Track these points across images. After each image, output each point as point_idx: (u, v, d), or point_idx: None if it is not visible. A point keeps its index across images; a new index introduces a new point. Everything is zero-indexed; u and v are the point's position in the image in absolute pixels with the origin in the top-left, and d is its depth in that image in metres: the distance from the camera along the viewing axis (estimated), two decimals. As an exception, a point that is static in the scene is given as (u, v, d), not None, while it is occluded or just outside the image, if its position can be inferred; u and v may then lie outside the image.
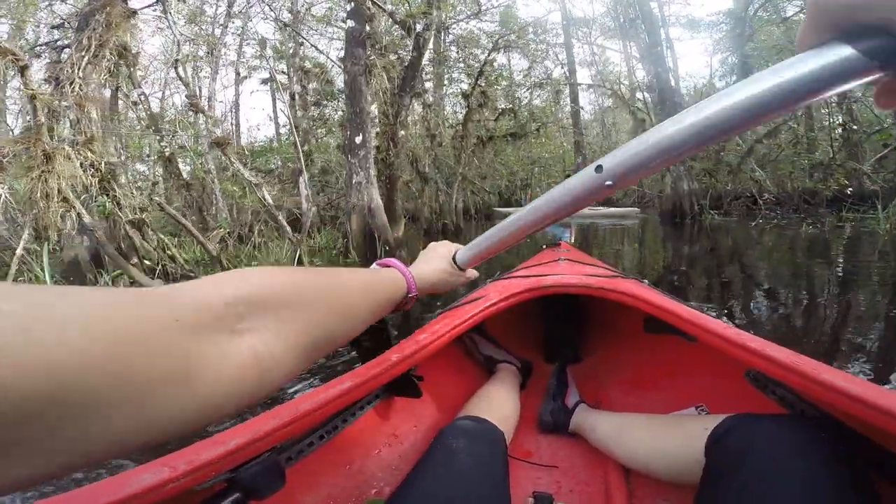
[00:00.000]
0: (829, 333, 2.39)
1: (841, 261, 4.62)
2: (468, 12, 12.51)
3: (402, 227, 7.27)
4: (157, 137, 7.65)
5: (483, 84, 9.64)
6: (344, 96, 6.85)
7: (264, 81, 12.48)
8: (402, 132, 7.13)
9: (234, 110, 17.19)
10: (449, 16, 11.69)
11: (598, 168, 0.42)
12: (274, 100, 12.32)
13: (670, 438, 0.77)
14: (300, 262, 5.05)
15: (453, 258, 0.73)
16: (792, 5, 12.67)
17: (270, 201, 5.32)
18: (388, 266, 0.61)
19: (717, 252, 5.78)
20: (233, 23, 12.37)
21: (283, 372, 0.32)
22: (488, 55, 9.91)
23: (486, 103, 10.37)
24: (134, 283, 4.30)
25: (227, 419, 0.30)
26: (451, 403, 1.05)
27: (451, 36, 12.60)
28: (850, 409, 0.51)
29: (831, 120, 11.57)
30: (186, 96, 7.31)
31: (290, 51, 10.17)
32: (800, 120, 11.18)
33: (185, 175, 6.58)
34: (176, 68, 6.08)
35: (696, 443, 0.64)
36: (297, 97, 9.90)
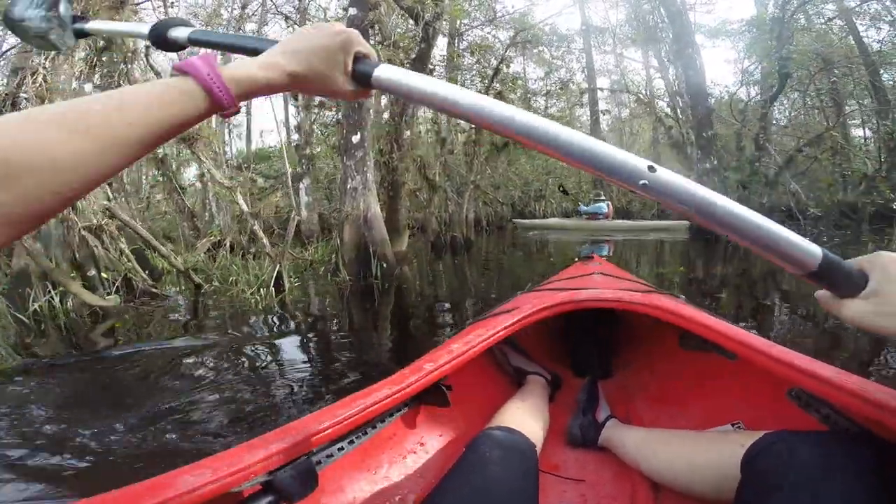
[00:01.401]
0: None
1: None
2: (483, 18, 11.45)
3: (405, 240, 6.35)
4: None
5: (498, 85, 8.63)
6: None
7: None
8: (408, 133, 6.17)
9: (246, 114, 16.51)
10: (463, 22, 10.82)
11: (651, 168, 0.42)
12: (286, 103, 11.55)
13: (704, 454, 0.76)
14: (278, 279, 4.03)
15: (357, 59, 0.48)
16: (829, 9, 11.46)
17: (246, 207, 4.41)
18: (184, 71, 0.41)
19: (751, 276, 5.11)
20: (247, 25, 11.71)
21: None
22: (505, 51, 8.92)
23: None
24: (75, 298, 3.83)
25: None
26: (477, 414, 1.04)
27: (464, 42, 12.13)
28: (893, 423, 0.50)
29: (866, 129, 10.36)
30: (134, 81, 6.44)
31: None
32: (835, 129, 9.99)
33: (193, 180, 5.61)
34: (147, 56, 5.21)
35: (731, 459, 0.63)
36: (299, 97, 9.05)
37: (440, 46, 11.59)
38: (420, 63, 6.59)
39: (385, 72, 0.49)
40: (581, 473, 0.98)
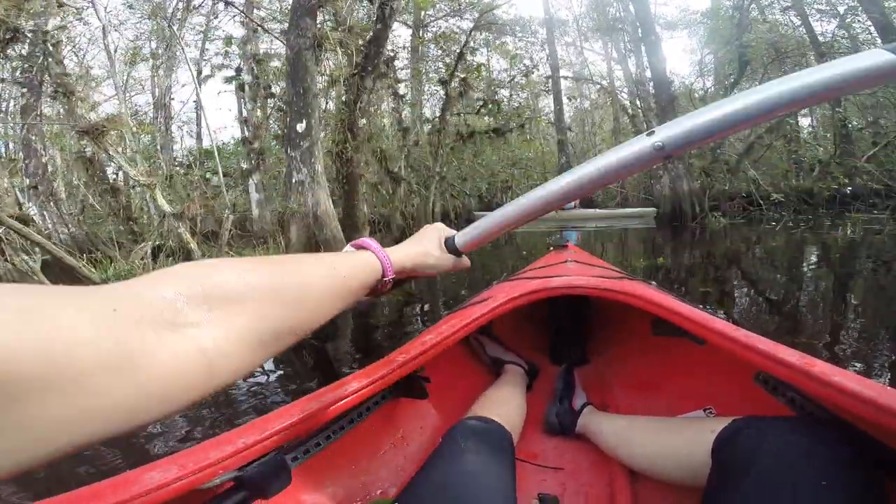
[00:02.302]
0: None
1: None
2: (447, 9, 11.09)
3: (365, 235, 5.65)
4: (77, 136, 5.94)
5: (462, 72, 8.08)
6: (285, 76, 5.26)
7: (227, 80, 11.01)
8: (364, 121, 5.55)
9: (196, 109, 15.60)
10: (428, 13, 10.43)
11: (651, 133, 0.44)
12: (239, 99, 10.77)
13: (677, 441, 0.77)
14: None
15: (447, 241, 0.67)
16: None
17: (167, 208, 3.71)
18: (363, 247, 0.56)
19: (735, 263, 4.99)
20: (194, 18, 10.84)
21: (235, 365, 0.32)
22: (468, 34, 8.36)
23: (466, 92, 8.75)
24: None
25: (179, 412, 0.30)
26: (457, 405, 1.05)
27: (430, 34, 12.00)
28: (861, 411, 0.52)
29: (813, 118, 10.55)
30: (54, 75, 5.63)
31: (243, 37, 8.52)
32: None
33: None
34: (45, 42, 4.38)
35: (702, 445, 0.65)
36: (247, 88, 8.26)
37: (403, 36, 10.98)
38: (375, 46, 5.98)
39: (461, 236, 0.66)
40: (559, 461, 0.99)
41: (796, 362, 0.60)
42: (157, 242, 5.97)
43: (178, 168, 12.78)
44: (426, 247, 0.63)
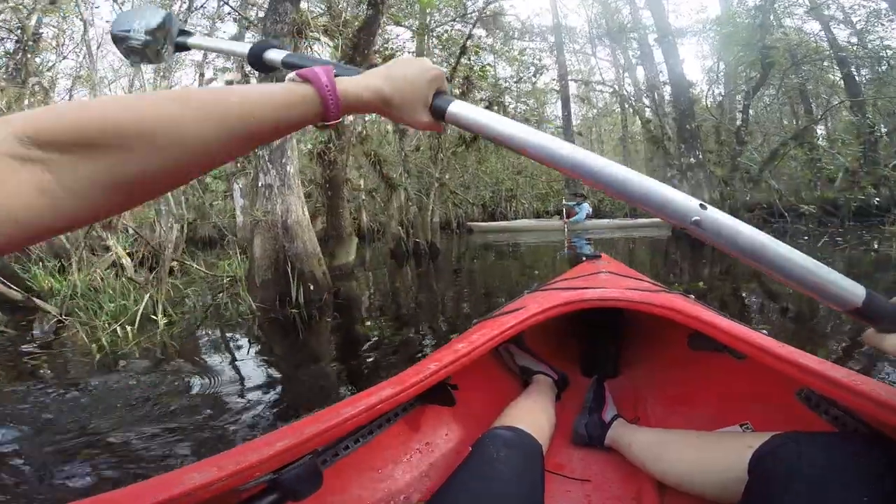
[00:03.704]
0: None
1: None
2: (454, 14, 10.54)
3: (352, 250, 4.97)
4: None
5: (465, 67, 7.27)
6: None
7: (229, 83, 10.25)
8: (351, 117, 4.69)
9: None
10: (434, 18, 10.44)
11: (703, 206, 0.44)
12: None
13: (711, 455, 0.76)
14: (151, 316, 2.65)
15: (437, 95, 0.53)
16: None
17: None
18: (307, 79, 0.46)
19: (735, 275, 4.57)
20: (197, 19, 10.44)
21: (82, 204, 0.31)
22: (472, 27, 7.55)
23: (469, 91, 7.91)
24: None
25: (20, 245, 0.30)
26: (483, 414, 1.04)
27: (434, 39, 11.14)
28: None
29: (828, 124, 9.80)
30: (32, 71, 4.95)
31: (234, 35, 7.84)
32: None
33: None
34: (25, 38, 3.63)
35: (739, 460, 0.63)
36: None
37: (408, 46, 10.33)
38: (366, 34, 5.16)
39: (458, 108, 0.53)
40: (587, 473, 0.97)
41: (842, 378, 0.60)
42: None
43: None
44: (406, 89, 0.50)
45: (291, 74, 0.46)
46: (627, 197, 0.44)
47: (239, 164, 7.72)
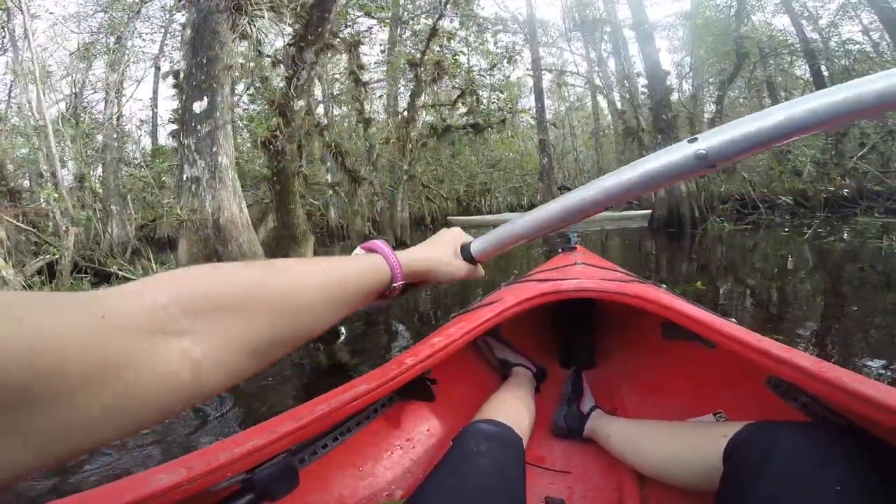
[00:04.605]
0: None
1: None
2: (427, 7, 10.89)
3: (309, 251, 4.25)
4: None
5: (437, 49, 6.71)
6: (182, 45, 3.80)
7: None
8: (302, 102, 4.13)
9: (152, 107, 14.39)
10: (406, 10, 10.38)
11: (693, 140, 0.41)
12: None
13: (687, 445, 0.76)
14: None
15: (463, 247, 0.65)
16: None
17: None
18: (372, 250, 0.54)
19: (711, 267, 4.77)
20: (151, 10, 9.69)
21: (223, 375, 0.31)
22: (444, 5, 6.98)
23: (440, 77, 7.36)
24: None
25: (163, 421, 0.29)
26: (464, 408, 1.04)
27: (408, 32, 10.98)
28: (876, 415, 0.51)
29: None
30: None
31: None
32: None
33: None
34: None
35: (714, 450, 0.64)
36: (181, 77, 6.81)
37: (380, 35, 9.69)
38: (319, 11, 4.55)
39: (478, 244, 0.62)
40: (567, 465, 0.97)
41: (809, 366, 0.60)
42: (56, 256, 4.59)
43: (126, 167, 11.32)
44: (441, 252, 0.62)
45: (358, 250, 0.54)
46: (640, 191, 0.44)
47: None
